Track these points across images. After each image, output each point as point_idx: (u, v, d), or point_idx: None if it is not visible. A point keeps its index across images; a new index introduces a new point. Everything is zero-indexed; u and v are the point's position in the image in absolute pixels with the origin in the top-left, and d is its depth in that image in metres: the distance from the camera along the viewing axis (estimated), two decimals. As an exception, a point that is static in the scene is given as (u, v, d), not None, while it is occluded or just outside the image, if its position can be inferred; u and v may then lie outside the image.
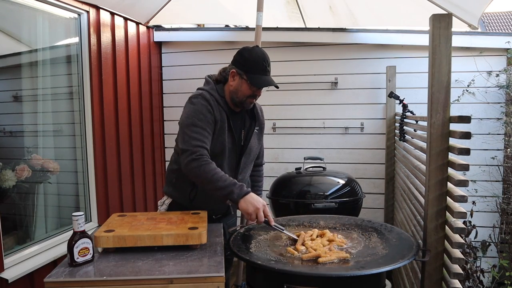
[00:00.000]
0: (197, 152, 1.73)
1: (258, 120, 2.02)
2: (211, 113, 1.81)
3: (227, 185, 1.69)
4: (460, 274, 1.49)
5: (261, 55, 1.83)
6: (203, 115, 1.79)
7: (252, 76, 1.80)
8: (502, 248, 3.24)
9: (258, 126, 2.02)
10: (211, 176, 1.70)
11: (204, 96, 1.84)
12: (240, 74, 1.83)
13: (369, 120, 3.55)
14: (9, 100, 2.66)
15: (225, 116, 1.86)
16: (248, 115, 1.99)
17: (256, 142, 2.01)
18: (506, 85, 3.25)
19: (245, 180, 2.03)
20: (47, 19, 2.61)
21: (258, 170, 2.22)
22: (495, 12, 17.97)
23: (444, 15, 1.53)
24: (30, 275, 2.22)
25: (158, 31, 3.73)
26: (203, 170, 1.71)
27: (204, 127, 1.79)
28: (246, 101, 1.86)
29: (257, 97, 1.89)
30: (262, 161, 2.24)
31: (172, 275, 1.31)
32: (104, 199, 2.94)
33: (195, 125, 1.78)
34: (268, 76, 1.84)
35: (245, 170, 1.99)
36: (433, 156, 1.57)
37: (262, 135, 2.08)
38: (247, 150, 1.95)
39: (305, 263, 1.48)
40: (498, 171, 3.31)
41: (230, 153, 1.89)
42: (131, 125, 3.28)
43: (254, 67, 1.81)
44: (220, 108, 1.85)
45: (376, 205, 3.60)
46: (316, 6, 3.47)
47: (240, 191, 1.69)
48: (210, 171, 1.71)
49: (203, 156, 1.74)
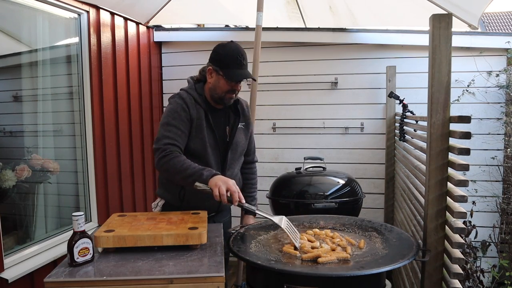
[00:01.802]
0: (167, 149, 1.78)
1: (243, 116, 2.03)
2: (186, 112, 1.84)
3: (196, 171, 1.70)
4: (460, 274, 1.49)
5: (235, 49, 1.85)
6: (177, 114, 1.84)
7: (227, 71, 1.83)
8: (502, 248, 3.24)
9: (244, 121, 2.03)
10: (180, 166, 1.73)
11: (181, 96, 1.90)
12: (216, 70, 1.86)
13: (369, 120, 3.55)
14: (9, 100, 2.66)
15: (202, 114, 1.88)
16: (232, 111, 2.01)
17: (242, 138, 2.02)
18: (506, 85, 3.24)
19: (235, 176, 2.03)
20: (47, 19, 2.61)
21: (251, 168, 2.22)
22: (495, 12, 17.97)
23: (444, 15, 1.53)
24: (30, 275, 2.22)
25: (158, 31, 3.73)
26: (172, 163, 1.74)
27: (178, 126, 1.83)
28: (225, 96, 1.88)
29: (237, 92, 1.91)
30: (254, 157, 2.23)
31: (172, 275, 1.31)
32: (104, 199, 2.94)
33: (169, 124, 1.83)
34: (244, 69, 1.86)
35: (232, 166, 2.00)
36: (433, 156, 1.57)
37: (249, 131, 2.08)
38: (233, 145, 1.96)
39: (305, 263, 1.48)
40: (498, 171, 3.31)
41: (213, 150, 1.91)
42: (131, 125, 3.28)
43: (229, 62, 1.83)
44: (197, 106, 1.88)
45: (376, 205, 3.60)
46: (316, 6, 3.47)
47: (209, 172, 1.70)
48: (179, 162, 1.74)
49: (173, 152, 1.77)
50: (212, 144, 1.90)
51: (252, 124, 2.13)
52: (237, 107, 2.01)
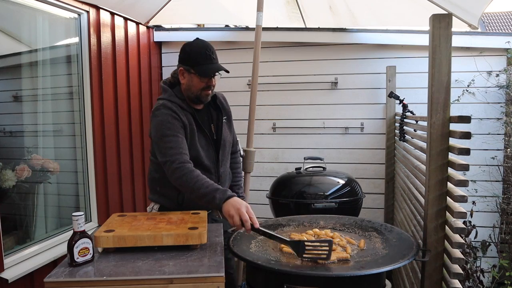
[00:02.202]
0: (176, 160, 1.72)
1: (224, 110, 2.03)
2: (177, 119, 1.81)
3: (209, 192, 1.66)
4: (460, 274, 1.49)
5: (202, 45, 1.84)
6: (170, 123, 1.79)
7: (198, 67, 1.81)
8: (502, 248, 3.24)
9: (225, 115, 2.03)
10: (193, 184, 1.68)
11: (166, 105, 1.84)
12: (188, 69, 1.85)
13: (369, 120, 3.55)
14: (9, 100, 2.66)
15: (191, 118, 1.87)
16: (212, 107, 2.00)
17: (227, 132, 2.03)
18: (506, 85, 3.24)
19: (227, 171, 2.05)
20: (47, 19, 2.61)
21: (235, 157, 2.23)
22: (495, 12, 17.97)
23: (444, 15, 1.53)
24: (30, 275, 2.22)
25: (158, 31, 3.73)
26: (185, 180, 1.70)
27: (176, 134, 1.78)
28: (202, 94, 1.86)
29: (213, 88, 1.89)
30: (237, 148, 2.24)
31: (172, 275, 1.31)
32: (104, 199, 2.94)
33: (166, 135, 1.77)
34: (215, 63, 1.84)
35: (224, 162, 2.01)
36: (433, 156, 1.57)
37: (231, 123, 2.09)
38: (222, 142, 1.96)
39: (305, 262, 1.48)
40: (498, 171, 3.31)
41: (206, 151, 1.91)
42: (131, 125, 3.28)
43: (198, 58, 1.81)
44: (184, 111, 1.86)
45: (376, 205, 3.60)
46: (316, 6, 3.47)
47: (222, 195, 1.64)
48: (192, 179, 1.69)
49: (184, 163, 1.73)
50: (204, 146, 1.90)
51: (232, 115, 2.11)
52: (216, 102, 2.00)
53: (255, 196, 3.49)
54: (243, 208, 1.59)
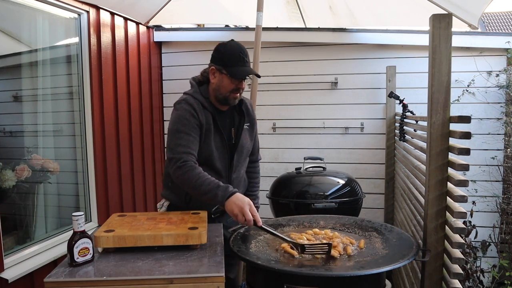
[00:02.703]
0: (181, 159, 1.74)
1: (248, 116, 2.01)
2: (195, 118, 1.81)
3: (210, 189, 1.67)
4: (460, 274, 1.49)
5: (237, 47, 1.83)
6: (187, 120, 1.80)
7: (230, 69, 1.80)
8: (502, 248, 3.24)
9: (248, 122, 2.01)
10: (194, 181, 1.69)
11: (188, 101, 1.84)
12: (219, 69, 1.84)
13: (369, 120, 3.55)
14: (9, 100, 2.66)
15: (210, 119, 1.85)
16: (236, 112, 1.98)
17: (247, 138, 2.00)
18: (506, 85, 3.24)
19: (241, 178, 2.02)
20: (47, 19, 2.61)
21: (254, 166, 2.20)
22: (495, 12, 17.97)
23: (444, 15, 1.53)
24: (30, 275, 2.22)
25: (158, 31, 3.73)
26: (187, 177, 1.71)
27: (188, 132, 1.79)
28: (230, 96, 1.85)
29: (241, 91, 1.87)
30: (258, 157, 2.22)
31: (172, 275, 1.31)
32: (104, 199, 2.94)
33: (179, 131, 1.79)
34: (247, 66, 1.83)
35: (238, 168, 1.98)
36: (433, 156, 1.57)
37: (254, 130, 2.06)
38: (239, 147, 1.94)
39: (305, 262, 1.48)
40: (498, 171, 3.31)
41: (220, 154, 1.88)
42: (131, 125, 3.28)
43: (232, 60, 1.81)
44: (205, 111, 1.85)
45: (376, 205, 3.60)
46: (316, 6, 3.47)
47: (224, 192, 1.65)
48: (194, 176, 1.70)
49: (188, 162, 1.73)
50: (219, 148, 1.87)
51: (257, 123, 2.10)
52: (241, 107, 1.98)
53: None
54: (246, 207, 1.60)
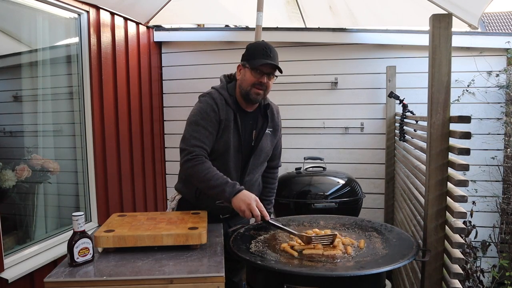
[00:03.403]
0: (193, 152, 1.76)
1: (272, 121, 2.00)
2: (215, 112, 1.81)
3: (218, 184, 1.70)
4: (460, 274, 1.49)
5: (262, 43, 1.87)
6: (207, 114, 1.81)
7: (252, 61, 1.81)
8: (502, 248, 3.24)
9: (272, 127, 2.00)
10: (203, 175, 1.72)
11: (212, 95, 1.86)
12: (243, 64, 1.86)
13: (369, 120, 3.55)
14: (9, 100, 2.66)
15: (231, 116, 1.85)
16: (261, 115, 1.97)
17: (268, 143, 1.98)
18: (506, 85, 3.24)
19: (255, 182, 2.01)
20: (47, 19, 2.61)
21: (273, 172, 2.18)
22: (495, 12, 17.97)
23: (444, 15, 1.53)
24: (30, 275, 2.22)
25: (158, 31, 3.73)
26: (196, 170, 1.74)
27: (206, 126, 1.80)
28: (251, 91, 1.83)
29: (264, 87, 1.85)
30: (278, 163, 2.19)
31: (172, 275, 1.31)
32: (104, 199, 2.94)
33: (197, 123, 1.81)
34: (270, 60, 1.82)
35: (254, 171, 1.96)
36: (433, 156, 1.57)
37: (276, 137, 2.04)
38: (257, 151, 1.92)
39: (305, 262, 1.48)
40: (498, 171, 3.31)
41: (235, 153, 1.87)
42: (131, 125, 3.28)
43: (255, 53, 1.83)
44: (227, 107, 1.85)
45: (376, 205, 3.60)
46: (316, 6, 3.47)
47: (232, 189, 1.68)
48: (203, 170, 1.73)
49: (199, 156, 1.76)
50: (236, 147, 1.87)
51: (281, 130, 2.09)
52: (266, 111, 1.97)
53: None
54: (253, 202, 1.65)
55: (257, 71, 1.81)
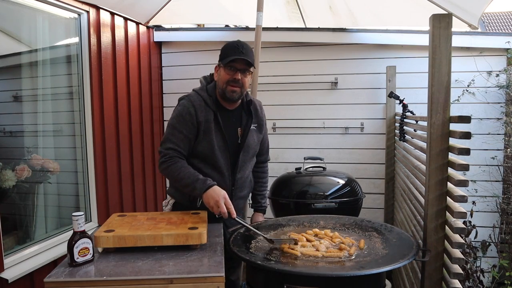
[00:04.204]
0: (167, 154, 1.84)
1: (256, 117, 2.02)
2: (191, 115, 1.85)
3: (190, 182, 1.76)
4: (460, 274, 1.49)
5: (235, 41, 1.88)
6: (183, 117, 1.86)
7: (225, 59, 1.84)
8: (502, 248, 3.24)
9: (256, 123, 2.02)
10: (176, 174, 1.80)
11: (190, 98, 1.90)
12: (219, 64, 1.90)
13: (369, 120, 3.56)
14: (9, 100, 2.66)
15: (211, 116, 1.87)
16: (244, 112, 1.99)
17: (254, 139, 2.00)
18: (506, 85, 3.24)
19: (246, 178, 2.03)
20: (47, 19, 2.61)
21: (262, 167, 2.20)
22: (495, 12, 17.97)
23: (444, 15, 1.53)
24: (30, 275, 2.22)
25: (158, 31, 3.73)
26: (170, 170, 1.82)
27: (181, 130, 1.85)
28: (227, 88, 1.86)
29: (240, 83, 1.85)
30: (267, 157, 2.22)
31: (172, 275, 1.31)
32: (104, 199, 2.94)
33: (173, 127, 1.87)
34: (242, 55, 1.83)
35: (244, 168, 1.98)
36: (433, 156, 1.57)
37: (262, 132, 2.06)
38: (245, 147, 1.94)
39: (305, 263, 1.48)
40: (498, 171, 3.31)
41: (222, 152, 1.89)
42: (131, 125, 3.28)
43: (228, 52, 1.85)
44: (206, 108, 1.87)
45: (376, 205, 3.60)
46: (316, 6, 3.47)
47: (202, 185, 1.74)
48: (176, 170, 1.80)
49: (172, 157, 1.83)
50: (221, 146, 1.88)
51: (266, 124, 2.11)
52: (249, 107, 1.99)
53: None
54: (221, 199, 1.69)
55: (230, 68, 1.84)
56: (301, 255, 1.55)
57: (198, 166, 1.88)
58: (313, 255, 1.54)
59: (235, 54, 1.81)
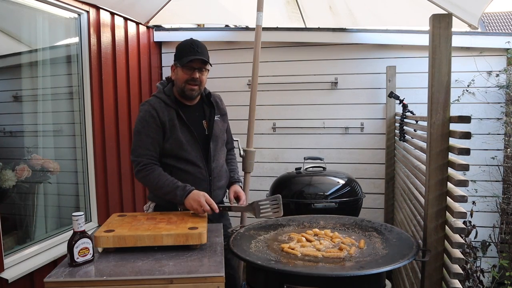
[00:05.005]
0: (141, 162, 1.87)
1: (218, 108, 2.09)
2: (154, 117, 1.89)
3: (170, 190, 1.81)
4: (460, 274, 1.49)
5: (190, 40, 1.94)
6: (146, 121, 1.90)
7: (181, 59, 1.89)
8: (502, 248, 3.24)
9: (219, 113, 2.08)
10: (155, 183, 1.84)
11: (149, 102, 1.95)
12: (175, 64, 1.94)
13: (369, 120, 3.55)
14: (9, 100, 2.66)
15: (174, 115, 1.92)
16: (206, 105, 2.05)
17: (221, 129, 2.07)
18: (506, 85, 3.24)
19: (221, 168, 2.08)
20: (47, 19, 2.61)
21: (230, 154, 2.29)
22: (495, 12, 17.97)
23: (444, 15, 1.53)
24: (30, 275, 2.22)
25: (158, 31, 3.73)
26: (148, 179, 1.86)
27: (148, 133, 1.89)
28: (186, 87, 1.92)
29: (198, 82, 1.92)
30: (232, 145, 2.31)
31: (172, 275, 1.31)
32: (104, 199, 2.94)
33: (139, 133, 1.91)
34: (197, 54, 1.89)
35: (217, 157, 2.04)
36: (433, 156, 1.57)
37: (226, 121, 2.15)
38: (213, 137, 2.01)
39: (305, 263, 1.48)
40: (498, 171, 3.31)
41: (192, 146, 1.94)
42: (131, 125, 3.28)
43: (183, 51, 1.90)
44: (168, 108, 1.92)
45: (376, 205, 3.60)
46: (316, 6, 3.47)
47: (182, 192, 1.79)
48: (154, 179, 1.84)
49: (147, 165, 1.87)
50: (189, 140, 1.93)
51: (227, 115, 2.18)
52: (210, 100, 2.06)
53: (255, 196, 3.46)
54: (202, 199, 1.76)
55: (188, 68, 1.89)
56: (301, 255, 1.55)
57: (171, 163, 1.93)
58: (313, 255, 1.54)
59: (191, 54, 1.87)
